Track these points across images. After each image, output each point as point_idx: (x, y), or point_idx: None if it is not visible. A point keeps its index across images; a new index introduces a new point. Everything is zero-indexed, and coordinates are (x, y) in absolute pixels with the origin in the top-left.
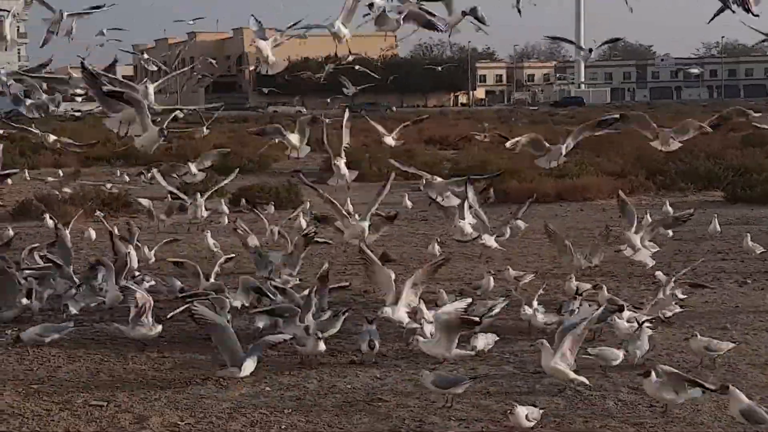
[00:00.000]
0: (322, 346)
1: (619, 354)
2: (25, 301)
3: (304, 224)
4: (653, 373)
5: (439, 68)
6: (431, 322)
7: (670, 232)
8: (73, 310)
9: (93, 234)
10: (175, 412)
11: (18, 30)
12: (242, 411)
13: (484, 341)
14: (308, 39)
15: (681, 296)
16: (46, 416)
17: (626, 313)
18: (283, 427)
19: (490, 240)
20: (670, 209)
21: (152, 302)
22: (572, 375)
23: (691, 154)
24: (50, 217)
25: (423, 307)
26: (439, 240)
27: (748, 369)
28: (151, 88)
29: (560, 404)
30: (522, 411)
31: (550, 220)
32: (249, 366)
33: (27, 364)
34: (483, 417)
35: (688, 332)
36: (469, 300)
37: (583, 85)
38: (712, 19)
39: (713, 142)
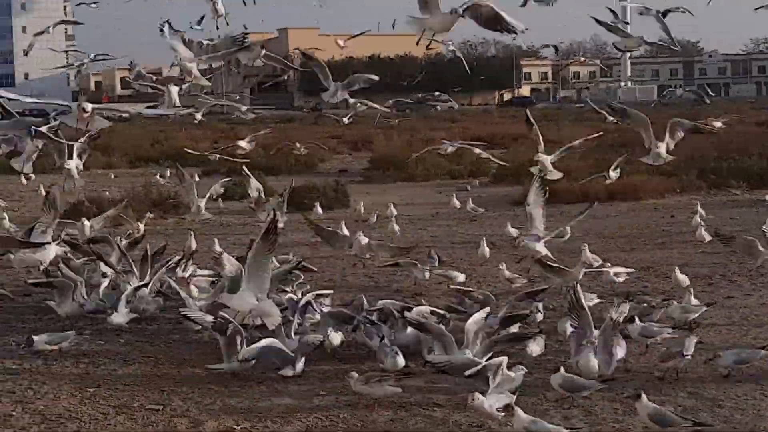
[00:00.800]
0: (401, 361)
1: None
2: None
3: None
4: (644, 396)
5: (468, 71)
6: None
7: None
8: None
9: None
10: (230, 416)
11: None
12: (297, 415)
13: (538, 346)
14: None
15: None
16: (102, 420)
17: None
18: (338, 431)
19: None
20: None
21: None
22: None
23: (744, 152)
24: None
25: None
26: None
27: None
28: (174, 91)
29: (618, 409)
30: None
31: (599, 220)
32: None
33: (83, 367)
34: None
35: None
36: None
37: (629, 82)
38: (760, 6)
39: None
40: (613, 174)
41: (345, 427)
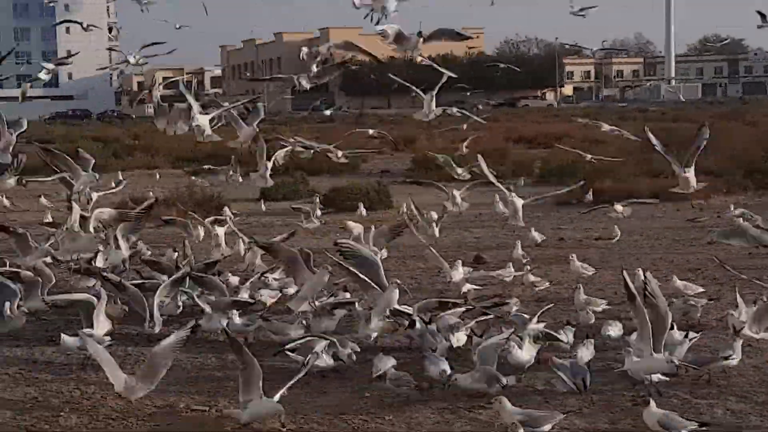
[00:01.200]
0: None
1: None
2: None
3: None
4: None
5: (497, 72)
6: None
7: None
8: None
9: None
10: (275, 418)
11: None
12: (343, 417)
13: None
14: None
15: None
16: (148, 420)
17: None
18: None
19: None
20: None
21: None
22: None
23: None
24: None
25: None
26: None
27: None
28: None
29: None
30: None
31: (645, 221)
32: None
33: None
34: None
35: None
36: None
37: (673, 81)
38: None
39: None
40: (619, 208)
41: (391, 429)
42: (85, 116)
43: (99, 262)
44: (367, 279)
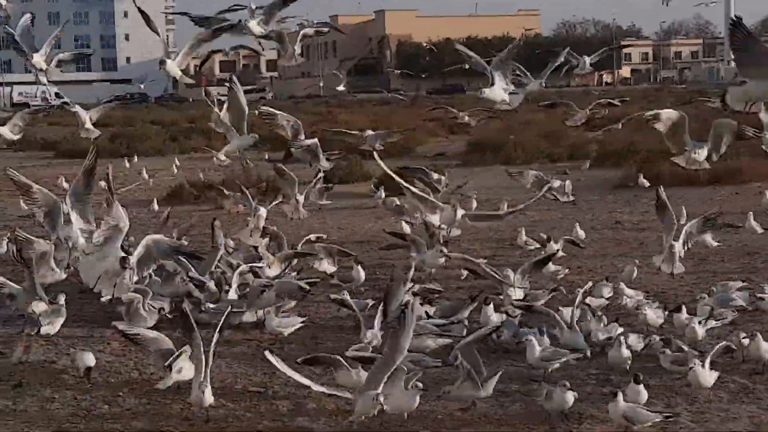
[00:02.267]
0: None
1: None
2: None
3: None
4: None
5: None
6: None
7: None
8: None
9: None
10: (330, 399)
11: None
12: None
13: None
14: (450, 19)
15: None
16: None
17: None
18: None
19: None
20: None
21: None
22: None
23: None
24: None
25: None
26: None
27: None
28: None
29: (723, 397)
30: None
31: (703, 205)
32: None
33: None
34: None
35: None
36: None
37: (732, 63)
38: None
39: None
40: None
41: (446, 411)
42: (143, 100)
43: None
44: None
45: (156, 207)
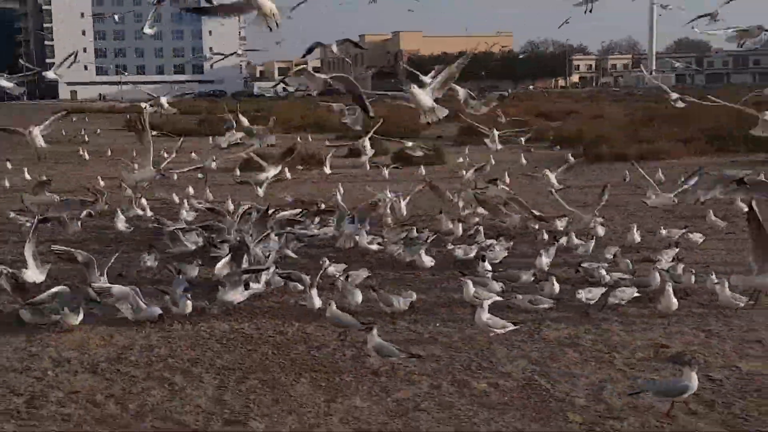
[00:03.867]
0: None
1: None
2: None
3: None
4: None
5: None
6: None
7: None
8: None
9: None
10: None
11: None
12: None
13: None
14: (446, 39)
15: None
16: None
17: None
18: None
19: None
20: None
21: None
22: None
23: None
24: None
25: None
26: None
27: None
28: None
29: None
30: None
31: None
32: None
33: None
34: None
35: None
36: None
37: (654, 72)
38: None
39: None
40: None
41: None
42: (222, 95)
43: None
44: None
45: (238, 173)
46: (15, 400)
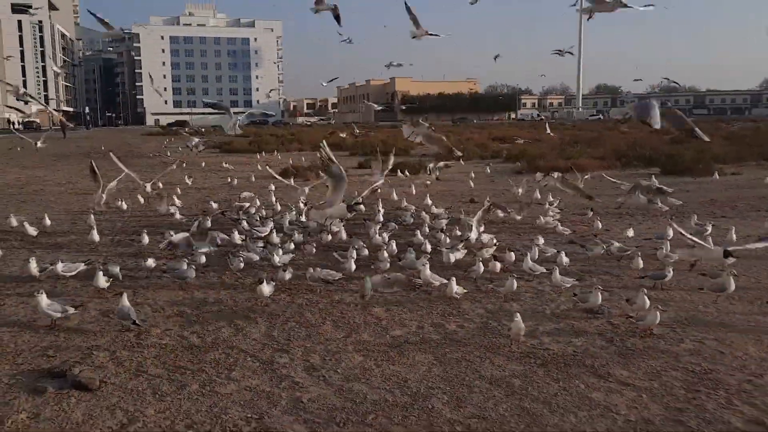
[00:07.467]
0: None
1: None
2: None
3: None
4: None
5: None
6: None
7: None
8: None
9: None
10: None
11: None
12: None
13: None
14: (429, 83)
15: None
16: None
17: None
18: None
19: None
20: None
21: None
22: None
23: (642, 147)
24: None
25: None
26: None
27: None
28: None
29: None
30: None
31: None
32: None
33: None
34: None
35: None
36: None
37: (580, 108)
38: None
39: (652, 140)
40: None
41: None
42: (265, 123)
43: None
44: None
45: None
46: (127, 334)
